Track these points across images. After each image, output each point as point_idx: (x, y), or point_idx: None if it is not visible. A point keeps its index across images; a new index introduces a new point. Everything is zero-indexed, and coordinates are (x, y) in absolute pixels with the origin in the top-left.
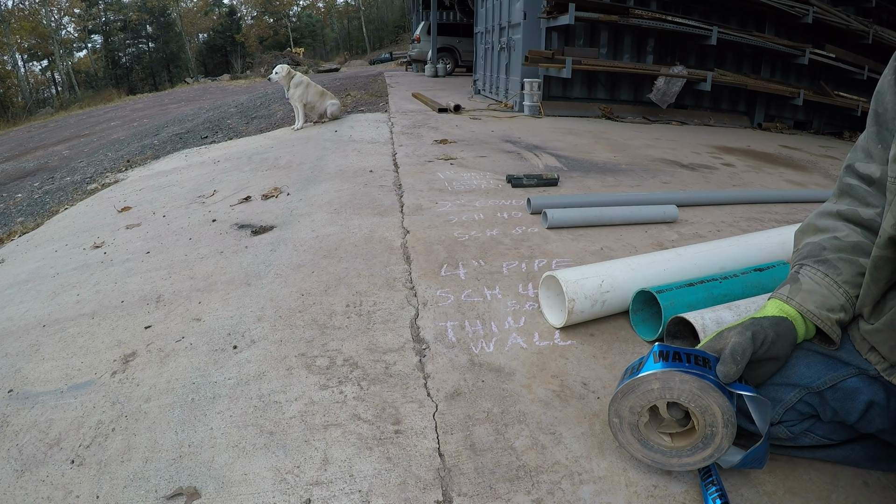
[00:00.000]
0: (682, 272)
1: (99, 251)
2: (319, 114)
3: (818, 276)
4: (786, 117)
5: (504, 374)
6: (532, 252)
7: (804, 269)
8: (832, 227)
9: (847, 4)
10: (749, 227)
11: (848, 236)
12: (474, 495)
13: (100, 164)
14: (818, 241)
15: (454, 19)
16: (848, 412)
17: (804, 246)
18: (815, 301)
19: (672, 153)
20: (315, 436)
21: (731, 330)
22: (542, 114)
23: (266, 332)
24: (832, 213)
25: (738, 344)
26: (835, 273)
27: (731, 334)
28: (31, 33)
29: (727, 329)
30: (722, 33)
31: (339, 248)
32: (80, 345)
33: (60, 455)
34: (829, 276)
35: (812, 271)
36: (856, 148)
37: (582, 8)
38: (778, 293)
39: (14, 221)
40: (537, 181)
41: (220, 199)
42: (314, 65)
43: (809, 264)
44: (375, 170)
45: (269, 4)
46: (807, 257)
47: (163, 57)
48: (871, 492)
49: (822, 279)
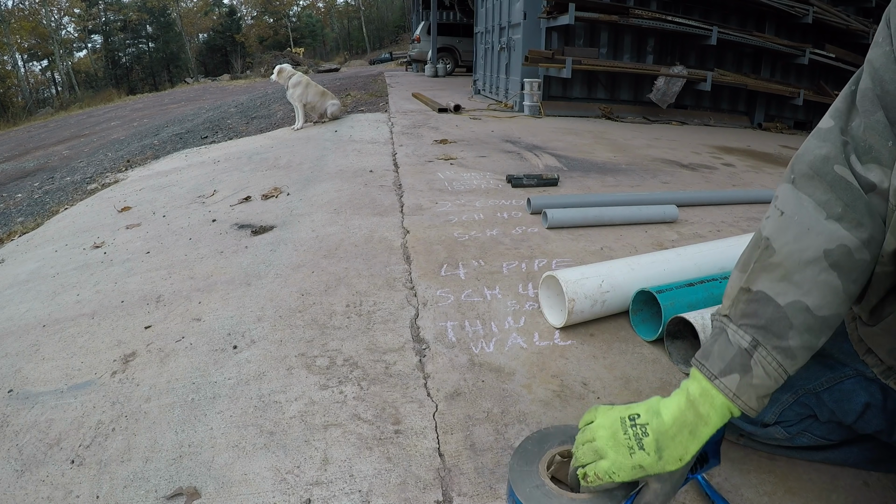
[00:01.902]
0: (682, 272)
1: (99, 251)
2: (320, 114)
3: (772, 368)
4: (786, 117)
5: (504, 374)
6: (532, 252)
7: (760, 351)
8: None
9: (847, 4)
10: (749, 227)
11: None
12: (474, 495)
13: (100, 164)
14: (785, 305)
15: (454, 19)
16: (845, 413)
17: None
18: (757, 394)
19: (672, 153)
20: (315, 436)
21: (655, 483)
22: (542, 114)
23: (266, 332)
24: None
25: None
26: (791, 364)
27: (652, 492)
28: (31, 33)
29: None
30: (722, 33)
31: (339, 248)
32: (80, 345)
33: (60, 455)
34: (783, 368)
35: (768, 360)
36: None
37: (582, 8)
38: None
39: (14, 221)
40: (537, 181)
41: (220, 199)
42: (314, 65)
43: (768, 348)
44: (375, 170)
45: (269, 4)
46: (765, 329)
47: (163, 57)
48: (871, 492)
49: (776, 371)
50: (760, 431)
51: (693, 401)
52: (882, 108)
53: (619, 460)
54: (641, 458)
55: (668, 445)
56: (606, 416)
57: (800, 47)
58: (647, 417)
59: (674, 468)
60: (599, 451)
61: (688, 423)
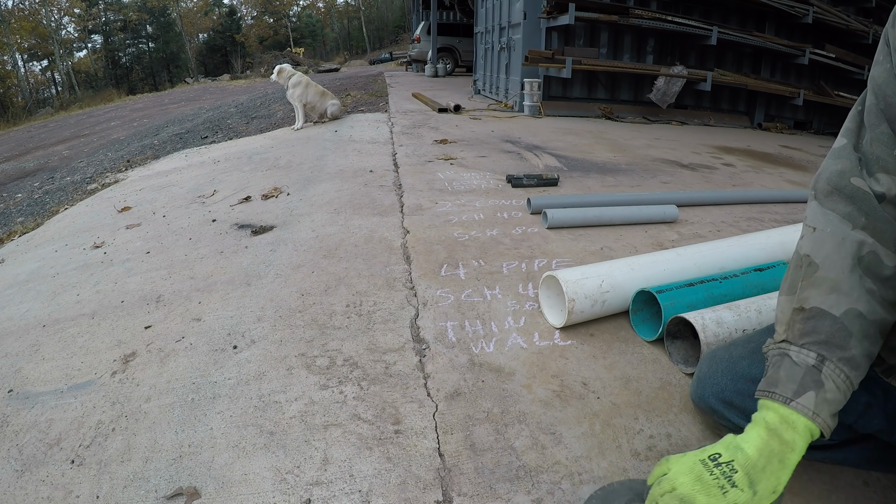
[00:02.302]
0: (683, 272)
1: (99, 251)
2: (320, 114)
3: (842, 380)
4: (786, 117)
5: (504, 374)
6: (532, 252)
7: (828, 366)
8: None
9: (847, 4)
10: (749, 227)
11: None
12: (474, 495)
13: (100, 164)
14: (841, 315)
15: (454, 19)
16: (846, 412)
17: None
18: (830, 411)
19: (672, 153)
20: (315, 436)
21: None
22: (542, 114)
23: (266, 332)
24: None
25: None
26: (856, 375)
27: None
28: (31, 33)
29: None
30: (722, 33)
31: (340, 248)
32: (80, 345)
33: (60, 455)
34: (850, 381)
35: (836, 372)
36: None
37: (582, 8)
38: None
39: (14, 221)
40: (537, 181)
41: (220, 199)
42: (314, 65)
43: (834, 361)
44: (375, 170)
45: (269, 4)
46: (827, 344)
47: (163, 57)
48: (872, 492)
49: (845, 384)
50: None
51: (774, 429)
52: (886, 121)
53: (711, 503)
54: (736, 496)
55: (760, 478)
56: (682, 463)
57: (800, 47)
58: (730, 454)
59: (769, 502)
60: (686, 498)
61: (775, 453)
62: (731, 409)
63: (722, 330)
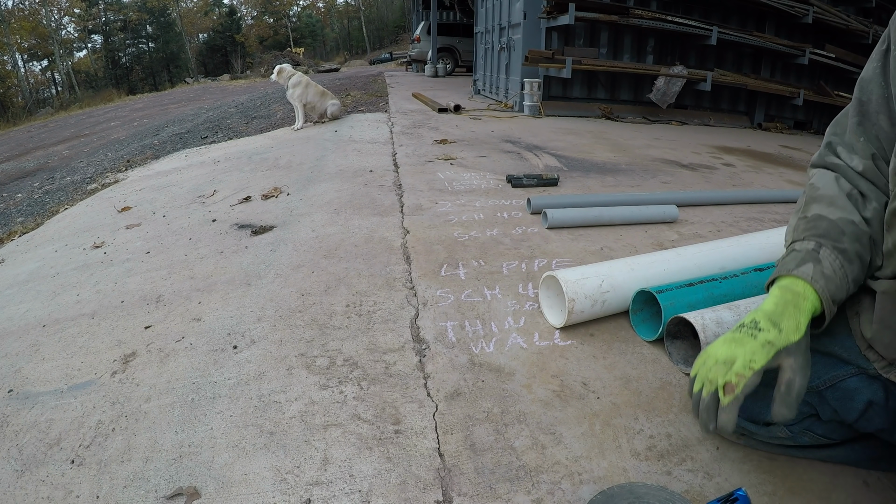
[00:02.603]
0: (683, 272)
1: (99, 251)
2: (320, 114)
3: (837, 265)
4: (786, 117)
5: (504, 374)
6: (532, 252)
7: (824, 250)
8: (845, 205)
9: (847, 4)
10: (749, 227)
11: (861, 226)
12: (474, 495)
13: (100, 164)
14: (836, 219)
15: (454, 19)
16: (847, 411)
17: (817, 218)
18: (831, 290)
19: (672, 153)
20: (315, 436)
21: (787, 358)
22: (542, 114)
23: (266, 332)
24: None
25: (801, 387)
26: (849, 268)
27: (790, 368)
28: (31, 33)
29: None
30: (722, 33)
31: (339, 248)
32: (80, 345)
33: (60, 455)
34: (844, 269)
35: (833, 257)
36: (836, 124)
37: (582, 8)
38: (801, 272)
39: (14, 221)
40: (537, 181)
41: (220, 199)
42: (314, 65)
43: (829, 247)
44: (375, 170)
45: (269, 4)
46: (824, 236)
47: (163, 57)
48: (872, 492)
49: (840, 270)
50: (762, 430)
51: (784, 287)
52: (859, 114)
53: (748, 349)
54: (766, 335)
55: (781, 320)
56: (714, 343)
57: (800, 47)
58: (751, 317)
59: (796, 337)
60: (727, 357)
61: (789, 301)
62: None
63: (722, 330)
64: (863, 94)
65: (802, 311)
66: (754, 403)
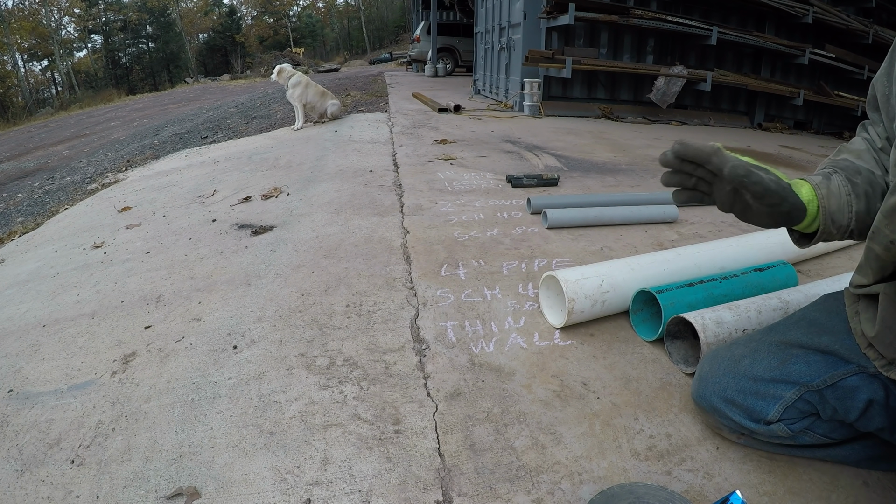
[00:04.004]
0: (682, 272)
1: (99, 251)
2: (320, 114)
3: (844, 189)
4: (786, 117)
5: (504, 374)
6: (532, 252)
7: (837, 175)
8: (870, 160)
9: (847, 4)
10: (749, 228)
11: (879, 179)
12: (474, 495)
13: (100, 164)
14: (857, 165)
15: (454, 19)
16: (847, 410)
17: (842, 160)
18: (832, 205)
19: None
20: (315, 436)
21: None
22: (542, 114)
23: (266, 332)
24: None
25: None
26: (855, 198)
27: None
28: (31, 33)
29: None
30: (722, 33)
31: (339, 248)
32: (80, 345)
33: (60, 455)
34: (850, 197)
35: (842, 182)
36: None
37: (582, 8)
38: (809, 178)
39: (14, 221)
40: (537, 181)
41: (220, 199)
42: (314, 65)
43: (842, 175)
44: (375, 170)
45: (269, 4)
46: (842, 168)
47: (163, 57)
48: (871, 492)
49: (845, 195)
50: (763, 429)
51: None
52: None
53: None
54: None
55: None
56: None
57: (800, 47)
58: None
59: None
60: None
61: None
62: (734, 408)
63: (722, 330)
64: (872, 90)
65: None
66: (755, 402)
